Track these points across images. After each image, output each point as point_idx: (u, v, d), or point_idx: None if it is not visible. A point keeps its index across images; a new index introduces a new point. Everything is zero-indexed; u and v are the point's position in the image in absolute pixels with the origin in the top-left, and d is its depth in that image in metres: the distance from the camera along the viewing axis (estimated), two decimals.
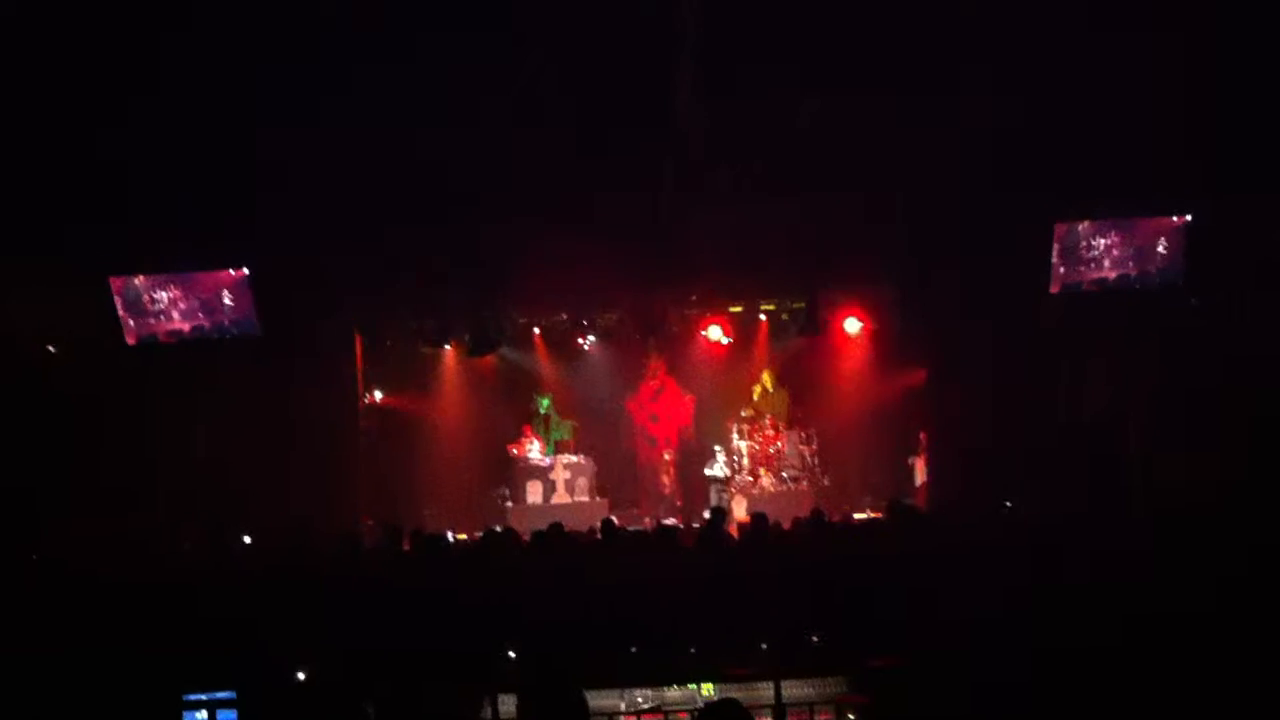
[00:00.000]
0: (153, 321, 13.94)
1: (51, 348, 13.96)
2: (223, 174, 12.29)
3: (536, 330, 17.40)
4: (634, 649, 6.88)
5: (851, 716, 6.00)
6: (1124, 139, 11.95)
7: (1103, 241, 13.67)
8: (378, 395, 16.66)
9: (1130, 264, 13.71)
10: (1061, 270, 13.71)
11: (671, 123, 12.34)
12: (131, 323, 13.88)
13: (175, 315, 13.97)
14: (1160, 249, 13.67)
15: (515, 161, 12.38)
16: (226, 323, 13.97)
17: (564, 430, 17.38)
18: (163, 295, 13.93)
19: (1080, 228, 13.70)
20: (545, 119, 12.11)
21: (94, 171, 11.83)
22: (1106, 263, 13.70)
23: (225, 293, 14.00)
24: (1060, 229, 13.67)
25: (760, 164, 12.88)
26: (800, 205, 13.30)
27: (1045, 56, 11.27)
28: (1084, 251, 13.71)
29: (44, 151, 11.60)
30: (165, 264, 13.93)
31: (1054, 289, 13.74)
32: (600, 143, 12.22)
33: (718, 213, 13.55)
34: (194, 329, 14.01)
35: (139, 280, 13.91)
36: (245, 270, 13.90)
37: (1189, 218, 13.53)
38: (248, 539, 11.63)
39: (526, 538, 9.19)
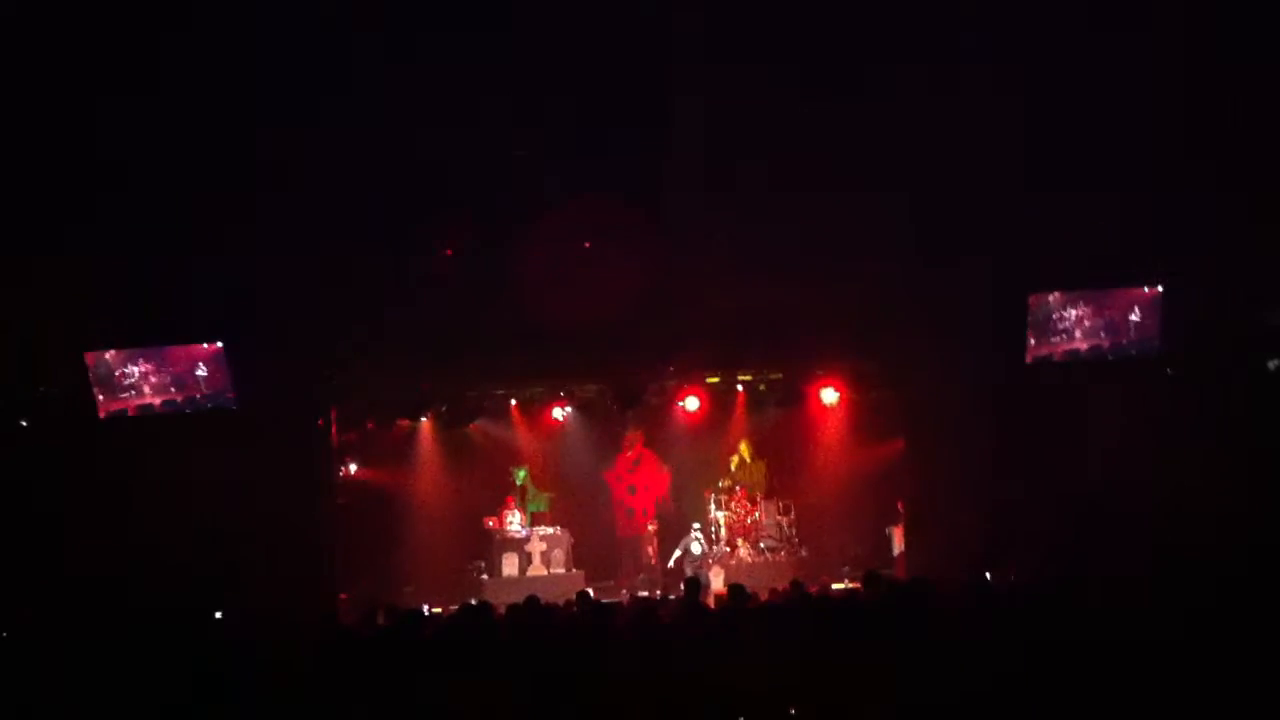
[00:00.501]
0: (123, 396, 13.79)
1: (24, 422, 13.83)
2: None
3: (514, 402, 17.35)
4: None
5: None
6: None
7: (1073, 312, 13.74)
8: (353, 468, 16.52)
9: (1102, 335, 13.77)
10: (1033, 342, 13.77)
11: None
12: (101, 398, 13.72)
13: (146, 390, 13.80)
14: (1134, 319, 13.74)
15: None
16: (199, 396, 13.84)
17: (540, 502, 17.29)
18: (134, 370, 13.78)
19: (1051, 299, 13.78)
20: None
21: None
22: (1078, 334, 13.76)
23: (200, 366, 13.88)
24: (1033, 300, 13.75)
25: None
26: (781, 286, 13.32)
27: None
28: (1055, 323, 13.78)
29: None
30: (141, 338, 13.82)
31: (1027, 360, 13.79)
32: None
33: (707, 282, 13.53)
34: (165, 403, 13.85)
35: (110, 355, 13.77)
36: (220, 344, 13.81)
37: (1160, 289, 13.63)
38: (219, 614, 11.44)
39: (502, 610, 9.11)
